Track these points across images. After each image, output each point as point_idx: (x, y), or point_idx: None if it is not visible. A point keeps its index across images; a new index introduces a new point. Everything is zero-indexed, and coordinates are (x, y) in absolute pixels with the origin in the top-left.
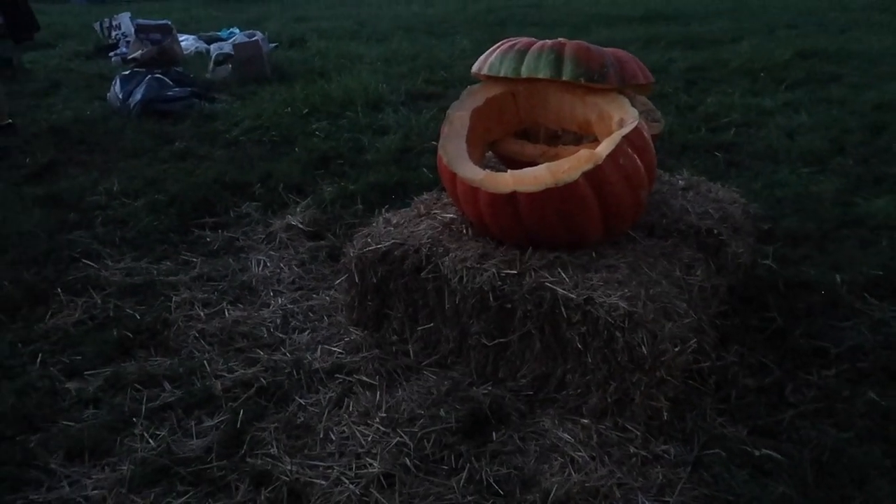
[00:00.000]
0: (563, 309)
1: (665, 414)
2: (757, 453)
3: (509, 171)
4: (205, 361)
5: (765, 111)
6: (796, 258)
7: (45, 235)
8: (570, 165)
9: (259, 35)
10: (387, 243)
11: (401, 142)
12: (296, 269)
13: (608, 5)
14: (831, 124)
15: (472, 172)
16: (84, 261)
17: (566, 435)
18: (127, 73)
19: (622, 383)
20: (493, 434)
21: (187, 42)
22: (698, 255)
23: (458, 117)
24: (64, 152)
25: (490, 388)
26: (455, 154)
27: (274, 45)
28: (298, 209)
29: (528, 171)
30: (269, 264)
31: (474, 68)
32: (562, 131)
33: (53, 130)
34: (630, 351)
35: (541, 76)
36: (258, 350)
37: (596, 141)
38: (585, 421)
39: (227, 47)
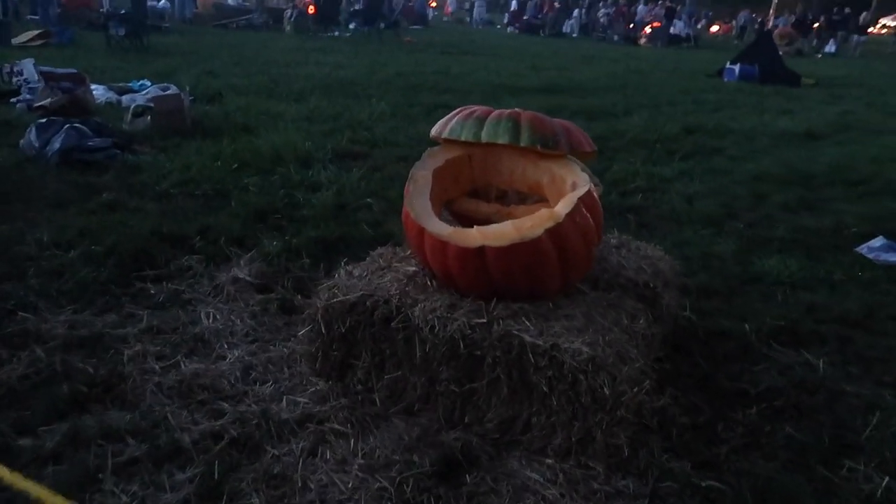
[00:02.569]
0: (530, 355)
1: (626, 451)
2: (703, 485)
3: (476, 226)
4: (168, 415)
5: (664, 179)
6: (710, 310)
7: None
8: (533, 223)
9: (173, 87)
10: (355, 294)
11: (335, 198)
12: (248, 321)
13: (509, 77)
14: (721, 191)
15: (440, 228)
16: (20, 313)
17: (535, 475)
18: (44, 121)
19: (585, 423)
20: (467, 477)
21: (97, 92)
22: (639, 305)
23: (422, 176)
24: None
25: (459, 433)
26: (422, 210)
27: (190, 98)
28: (243, 262)
29: (494, 227)
30: (219, 317)
31: (434, 132)
32: (509, 191)
33: None
34: (593, 392)
35: (500, 142)
36: (221, 402)
37: (542, 201)
38: (550, 461)
39: (140, 99)
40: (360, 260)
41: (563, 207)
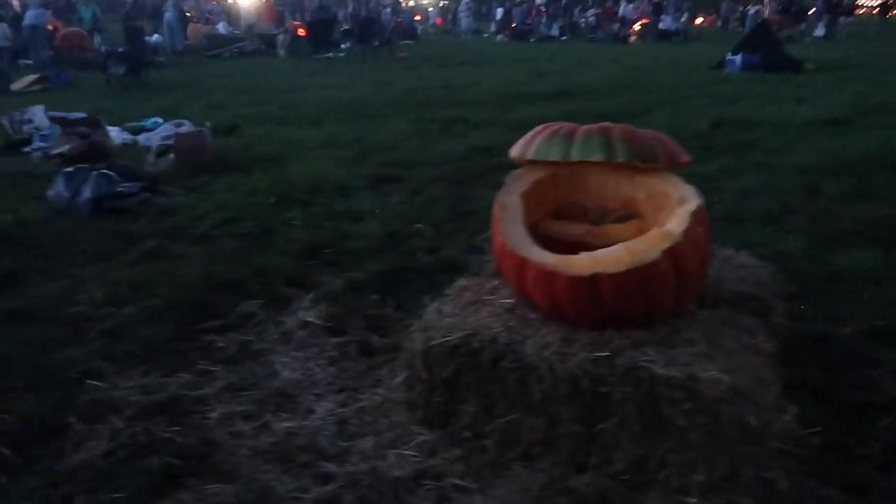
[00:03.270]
0: (663, 388)
1: (783, 483)
2: None
3: (583, 253)
4: (272, 483)
5: (709, 177)
6: (801, 315)
7: (32, 356)
8: (647, 244)
9: (188, 123)
10: (458, 335)
11: (382, 227)
12: (328, 368)
13: (515, 85)
14: (770, 186)
15: (544, 257)
16: (89, 381)
17: None
18: (71, 169)
19: (730, 457)
20: None
21: (112, 134)
22: (754, 321)
23: (511, 202)
24: (17, 260)
25: (588, 476)
26: (520, 240)
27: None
28: (306, 304)
29: (605, 253)
30: (296, 366)
31: (514, 153)
32: (591, 209)
33: None
34: (737, 424)
35: (593, 159)
36: (324, 463)
37: (627, 217)
38: (693, 500)
39: (155, 137)
40: (430, 292)
41: (677, 224)
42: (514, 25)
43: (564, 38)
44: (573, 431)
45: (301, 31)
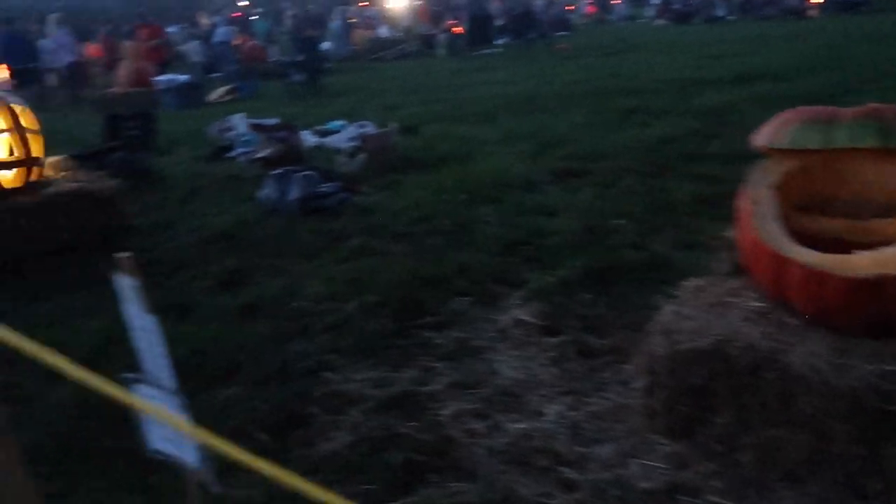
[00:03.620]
0: None
1: None
2: None
3: (860, 252)
4: (514, 485)
5: None
6: None
7: (269, 348)
8: None
9: (370, 125)
10: (709, 340)
11: (577, 222)
12: (550, 369)
13: (690, 70)
14: None
15: (810, 256)
16: (324, 373)
17: None
18: (280, 171)
19: None
20: None
21: (303, 136)
22: None
23: (765, 196)
24: (241, 258)
25: None
26: (778, 237)
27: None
28: (517, 301)
29: (890, 252)
30: (517, 366)
31: (762, 142)
32: (838, 201)
33: (223, 236)
34: None
35: (865, 146)
36: (564, 468)
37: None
38: None
39: (341, 140)
40: (643, 291)
41: None
42: (674, 8)
43: (732, 17)
44: (851, 453)
45: (457, 30)
